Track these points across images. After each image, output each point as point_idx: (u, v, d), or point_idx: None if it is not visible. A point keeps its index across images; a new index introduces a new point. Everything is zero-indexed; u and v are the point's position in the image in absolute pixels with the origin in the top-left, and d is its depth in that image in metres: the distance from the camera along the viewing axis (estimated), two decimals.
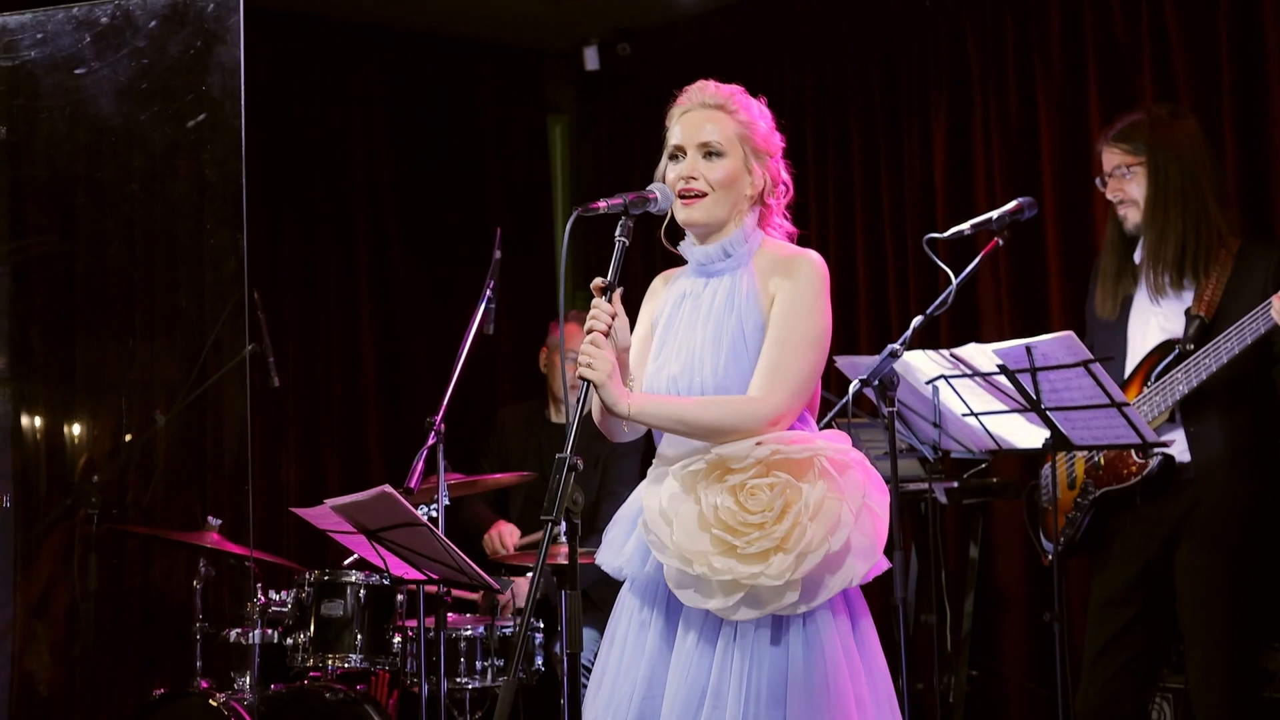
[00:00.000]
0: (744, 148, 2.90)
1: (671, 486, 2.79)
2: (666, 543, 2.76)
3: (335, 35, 6.38)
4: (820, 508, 2.69)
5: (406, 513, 3.65)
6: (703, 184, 2.88)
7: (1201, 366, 3.72)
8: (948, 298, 3.92)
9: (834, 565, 2.70)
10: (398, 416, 6.39)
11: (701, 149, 2.90)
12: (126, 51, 4.02)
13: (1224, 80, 4.78)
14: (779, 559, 2.66)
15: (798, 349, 2.80)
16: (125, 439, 4.94)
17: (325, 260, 6.32)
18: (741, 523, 2.69)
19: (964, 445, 4.17)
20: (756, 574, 2.67)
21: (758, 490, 2.71)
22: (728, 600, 2.70)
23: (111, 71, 4.05)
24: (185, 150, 4.00)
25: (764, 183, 2.92)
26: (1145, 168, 3.87)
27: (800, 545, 2.66)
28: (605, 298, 2.82)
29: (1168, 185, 3.83)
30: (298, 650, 4.51)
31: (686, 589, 2.75)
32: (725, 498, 2.72)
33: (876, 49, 5.86)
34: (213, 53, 3.91)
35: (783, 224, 2.99)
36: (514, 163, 6.89)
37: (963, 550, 5.13)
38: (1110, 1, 5.09)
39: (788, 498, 2.69)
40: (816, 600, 2.70)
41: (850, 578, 2.72)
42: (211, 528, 4.67)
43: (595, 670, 2.92)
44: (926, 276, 5.59)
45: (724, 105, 2.92)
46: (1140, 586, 3.90)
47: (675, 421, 2.82)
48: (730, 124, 2.91)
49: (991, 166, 5.44)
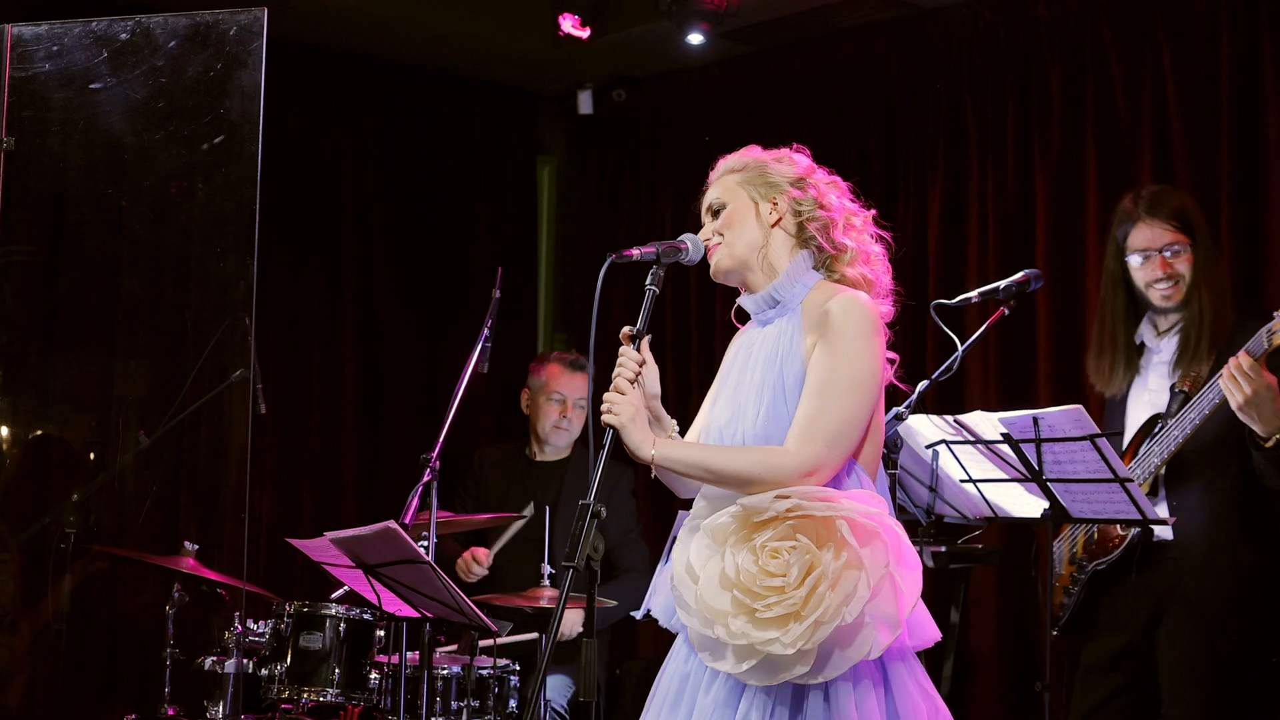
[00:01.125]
0: (748, 189, 2.93)
1: (702, 540, 2.77)
2: (690, 602, 2.74)
3: (332, 63, 6.38)
4: (839, 578, 2.62)
5: (409, 549, 3.62)
6: (715, 238, 2.93)
7: (1170, 438, 3.75)
8: (954, 364, 3.96)
9: (847, 638, 2.63)
10: (375, 451, 6.36)
11: (709, 212, 2.98)
12: (144, 69, 3.99)
13: (1223, 160, 4.87)
14: (795, 627, 2.61)
15: (834, 396, 2.73)
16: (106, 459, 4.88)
17: (310, 290, 6.30)
18: (761, 585, 2.65)
19: (959, 511, 4.18)
20: (771, 640, 2.62)
21: (779, 552, 2.66)
22: (741, 665, 2.67)
23: (127, 89, 4.02)
24: (199, 172, 3.97)
25: (788, 207, 2.90)
26: (1193, 249, 3.88)
27: (816, 613, 2.60)
28: (634, 345, 2.82)
29: (1211, 271, 3.86)
30: (273, 681, 4.46)
31: (704, 650, 2.74)
32: (747, 557, 2.69)
33: (876, 112, 5.92)
34: (233, 76, 3.88)
35: (862, 247, 2.91)
36: (502, 201, 6.90)
37: (944, 614, 5.14)
38: (1112, 78, 5.16)
39: (809, 563, 2.64)
40: (828, 672, 2.64)
41: (868, 649, 2.64)
42: (188, 553, 4.62)
43: (643, 713, 2.90)
44: (913, 340, 5.62)
45: (730, 168, 2.99)
46: (1124, 659, 3.91)
47: (700, 469, 2.79)
48: (732, 179, 2.96)
49: (985, 236, 5.49)
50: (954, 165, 5.63)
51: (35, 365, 4.60)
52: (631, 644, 6.19)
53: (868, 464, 2.83)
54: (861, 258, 2.92)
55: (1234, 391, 3.54)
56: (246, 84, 3.85)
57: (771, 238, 2.91)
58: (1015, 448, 3.72)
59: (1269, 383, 3.54)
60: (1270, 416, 3.55)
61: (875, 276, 2.92)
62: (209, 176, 3.93)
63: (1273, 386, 3.54)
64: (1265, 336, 3.57)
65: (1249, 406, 3.54)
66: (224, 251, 3.86)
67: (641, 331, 2.84)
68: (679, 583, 2.76)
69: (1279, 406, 3.55)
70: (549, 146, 7.17)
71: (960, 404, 5.16)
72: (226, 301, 3.95)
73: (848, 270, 2.90)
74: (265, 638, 4.52)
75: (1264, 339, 3.57)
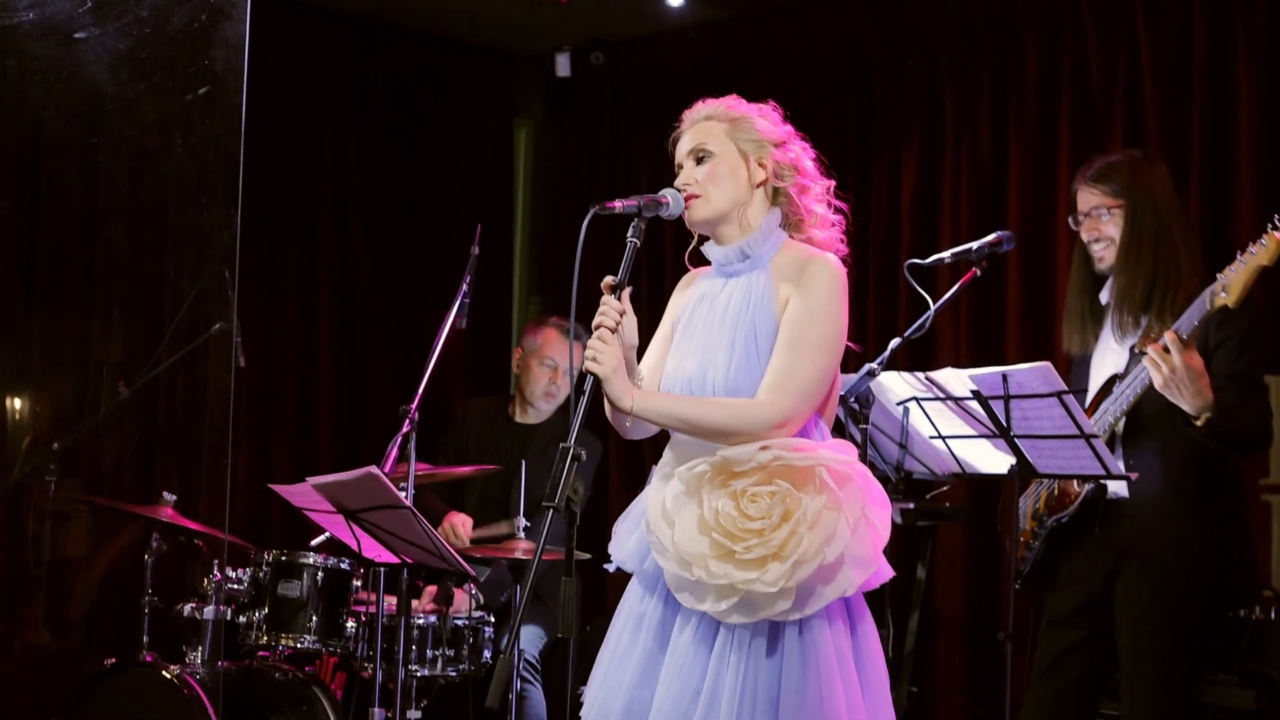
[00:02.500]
0: (735, 142, 2.98)
1: (676, 487, 2.84)
2: (667, 545, 2.81)
3: (311, 21, 6.38)
4: (819, 519, 2.73)
5: (390, 495, 3.68)
6: (696, 187, 2.97)
7: (1124, 398, 3.83)
8: (925, 323, 4.04)
9: (828, 576, 2.74)
10: (350, 406, 6.42)
11: (692, 156, 3.00)
12: (128, 20, 4.01)
13: (1194, 126, 4.95)
14: (775, 566, 2.71)
15: (807, 353, 2.83)
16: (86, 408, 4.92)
17: (287, 247, 6.33)
18: (741, 529, 2.75)
19: (928, 467, 4.26)
20: (752, 580, 2.72)
21: (759, 497, 2.76)
22: (721, 604, 2.76)
23: (111, 40, 4.04)
24: (182, 124, 4.00)
25: (771, 169, 2.97)
26: (1123, 210, 3.96)
27: (796, 554, 2.71)
28: (615, 295, 2.88)
29: (1142, 228, 3.92)
30: (250, 628, 4.53)
31: (683, 591, 2.81)
32: (726, 503, 2.78)
33: (853, 78, 5.97)
34: (217, 27, 3.91)
35: (825, 214, 3.01)
36: (480, 162, 6.93)
37: (909, 571, 5.24)
38: (1087, 48, 5.23)
39: (788, 506, 2.74)
40: (808, 609, 2.75)
41: (845, 587, 2.76)
42: (166, 502, 4.67)
43: (598, 659, 2.98)
44: (886, 302, 5.71)
45: (713, 114, 3.02)
46: (1084, 614, 3.97)
47: (678, 420, 2.87)
48: (719, 126, 3.00)
49: (959, 201, 5.57)
50: (929, 132, 5.70)
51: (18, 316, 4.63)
52: (602, 601, 6.27)
53: (828, 418, 2.96)
54: (823, 223, 3.02)
55: (1154, 372, 3.61)
56: (231, 35, 3.88)
57: (753, 196, 2.98)
58: (984, 404, 3.80)
59: (1189, 363, 3.57)
60: (1192, 395, 3.59)
61: (833, 244, 3.02)
62: (192, 128, 3.96)
63: (1194, 368, 3.57)
64: (1208, 298, 3.63)
65: (1169, 385, 3.59)
66: (207, 203, 3.90)
67: (622, 282, 2.89)
68: (655, 527, 2.84)
69: (1201, 386, 3.59)
70: (526, 109, 7.20)
71: (931, 362, 5.23)
72: (209, 253, 3.99)
73: (814, 233, 3.00)
74: (244, 586, 4.60)
75: (1206, 301, 3.62)
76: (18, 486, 4.91)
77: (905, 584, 5.26)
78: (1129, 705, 3.92)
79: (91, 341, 5.08)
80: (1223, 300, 3.60)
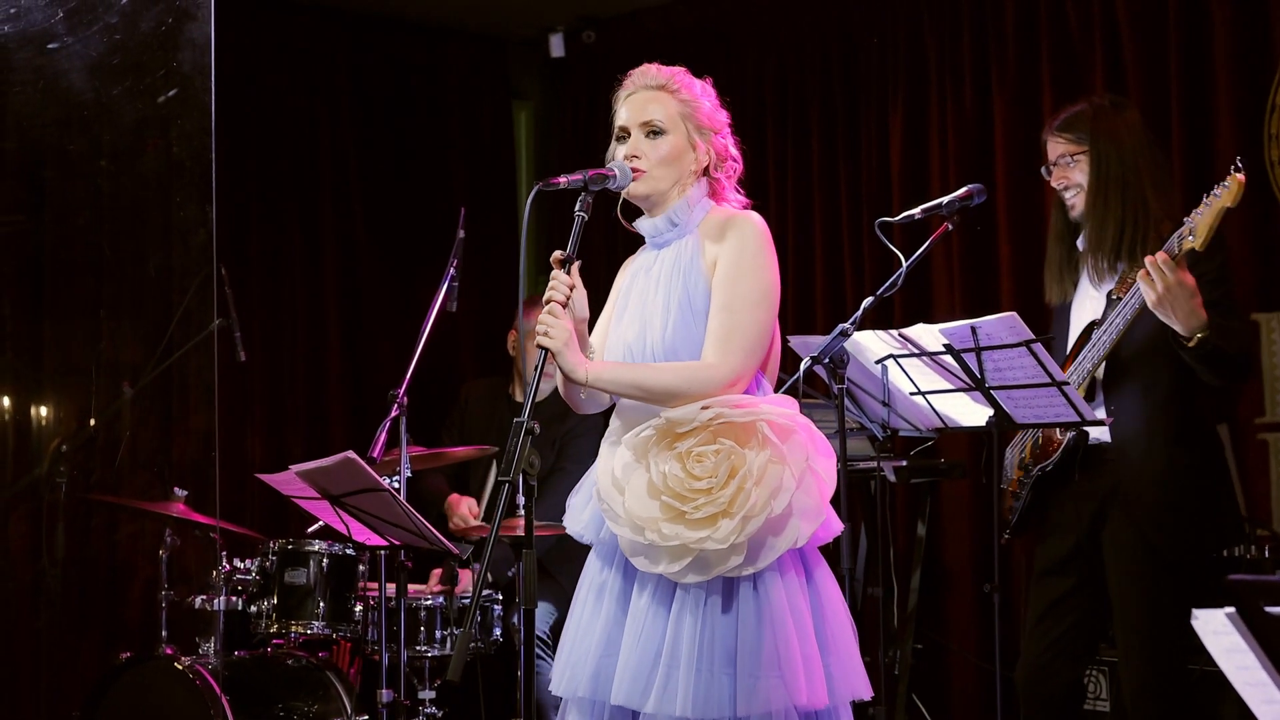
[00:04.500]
0: (686, 125, 3.02)
1: (624, 455, 2.90)
2: (619, 511, 2.87)
3: (303, 17, 6.45)
4: (764, 472, 2.78)
5: (369, 478, 3.75)
6: (644, 162, 3.01)
7: (1101, 343, 3.84)
8: (898, 280, 4.04)
9: (777, 528, 2.80)
10: (360, 393, 6.48)
11: (644, 128, 3.03)
12: (99, 27, 4.09)
13: (1171, 72, 4.93)
14: (725, 523, 2.76)
15: (744, 310, 2.89)
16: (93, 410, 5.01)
17: (291, 240, 6.41)
18: (689, 489, 2.80)
19: (912, 424, 4.27)
20: (703, 538, 2.77)
21: (704, 456, 2.81)
22: (675, 565, 2.81)
23: (84, 47, 4.12)
24: (156, 125, 4.08)
25: (709, 158, 3.04)
26: (1088, 156, 3.97)
27: (745, 509, 2.76)
28: (564, 270, 2.92)
29: (1108, 174, 3.94)
30: (261, 617, 4.63)
31: (638, 556, 2.87)
32: (673, 465, 2.83)
33: (836, 40, 5.99)
34: (184, 29, 3.98)
35: (737, 198, 3.09)
36: (479, 148, 6.98)
37: (910, 528, 5.27)
38: None
39: (733, 463, 2.79)
40: (760, 562, 2.80)
41: (795, 538, 2.81)
42: (177, 498, 4.75)
43: (563, 631, 3.04)
44: (881, 260, 5.73)
45: (665, 85, 3.06)
46: (1074, 561, 3.99)
47: (632, 387, 2.92)
48: (672, 103, 3.04)
49: (946, 155, 5.58)
50: (914, 89, 5.71)
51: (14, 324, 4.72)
52: None
53: (770, 374, 3.01)
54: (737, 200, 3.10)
55: (1149, 288, 3.63)
56: (197, 36, 3.95)
57: (691, 178, 3.04)
58: (957, 357, 3.82)
59: (1183, 280, 3.59)
60: (1186, 315, 3.61)
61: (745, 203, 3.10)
62: (166, 129, 4.03)
63: (1187, 284, 3.59)
64: (1176, 241, 3.65)
65: (1163, 303, 3.60)
66: (183, 201, 3.97)
67: (571, 256, 2.94)
68: (606, 495, 2.89)
69: (1195, 305, 3.61)
70: (524, 91, 7.25)
71: (928, 318, 5.17)
72: (189, 251, 4.06)
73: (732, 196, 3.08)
74: (252, 576, 4.68)
75: (1174, 244, 3.65)
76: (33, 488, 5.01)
77: (907, 542, 5.31)
78: (1123, 649, 3.94)
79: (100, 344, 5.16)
80: (1190, 243, 3.61)
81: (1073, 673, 4.06)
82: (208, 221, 3.93)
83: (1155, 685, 3.87)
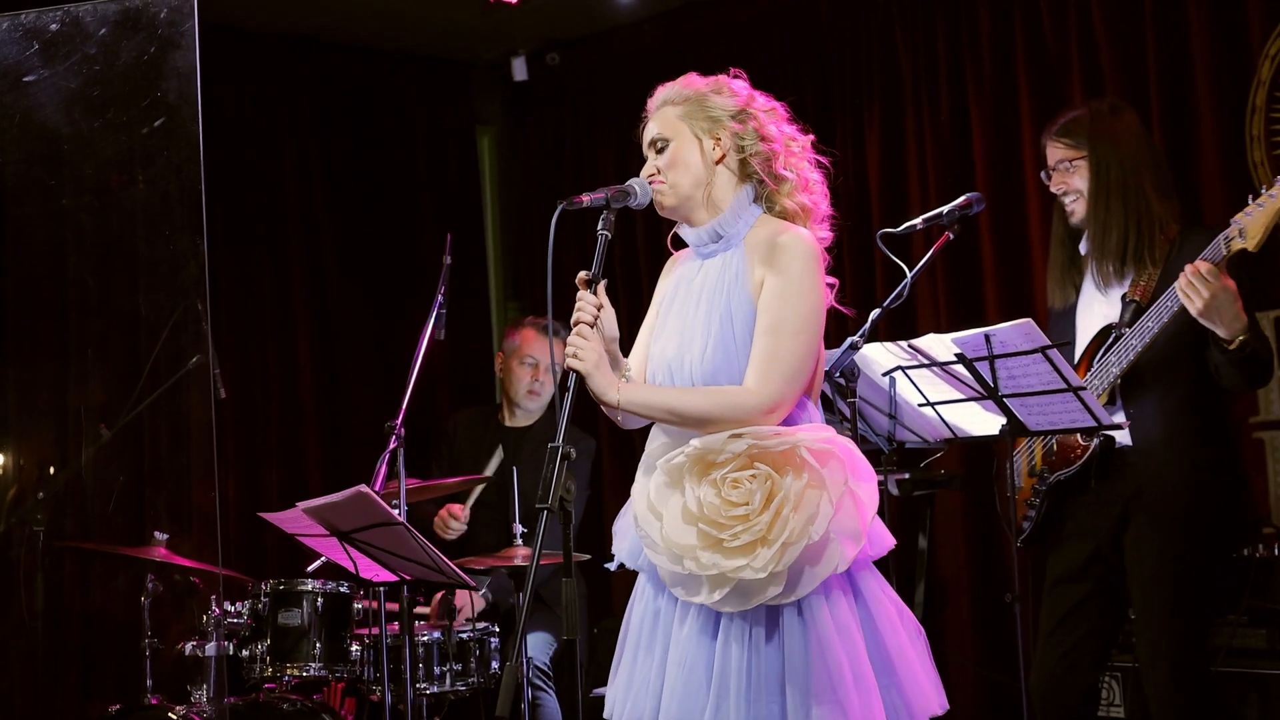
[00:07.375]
0: (689, 125, 2.95)
1: (659, 479, 2.82)
2: (656, 539, 2.79)
3: (266, 47, 6.37)
4: (801, 499, 2.70)
5: (382, 513, 3.65)
6: (659, 175, 2.96)
7: (1129, 348, 3.83)
8: (904, 291, 4.02)
9: (816, 555, 2.71)
10: (334, 427, 6.39)
11: (652, 147, 3.00)
12: (77, 58, 3.96)
13: (1150, 76, 4.94)
14: (763, 552, 2.69)
15: (788, 336, 2.80)
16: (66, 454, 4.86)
17: (259, 273, 6.31)
18: (726, 516, 2.73)
19: (919, 435, 4.24)
20: (741, 567, 2.70)
21: (740, 482, 2.74)
22: (715, 594, 2.73)
23: (61, 79, 4.00)
24: (141, 157, 3.95)
25: (731, 144, 2.93)
26: (1087, 162, 3.96)
27: (783, 536, 2.68)
28: (590, 290, 2.85)
29: (1109, 179, 3.93)
30: (254, 661, 4.49)
31: (677, 586, 2.80)
32: (708, 491, 2.75)
33: (809, 55, 5.97)
34: (168, 58, 3.86)
35: (803, 175, 2.95)
36: (444, 173, 6.91)
37: (911, 541, 5.22)
38: (1039, 4, 5.23)
39: (770, 488, 2.72)
40: (800, 591, 2.72)
41: (836, 563, 2.73)
42: (158, 542, 4.62)
43: (616, 657, 2.95)
44: (863, 272, 5.70)
45: (669, 99, 3.00)
46: (1092, 566, 3.98)
47: (664, 410, 2.85)
48: (673, 112, 2.98)
49: (925, 166, 5.57)
50: (889, 102, 5.69)
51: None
52: (607, 602, 6.24)
53: (814, 396, 2.93)
54: (801, 185, 2.96)
55: (1193, 297, 3.61)
56: (182, 65, 3.83)
57: (715, 174, 2.95)
58: (970, 367, 3.78)
59: (1226, 286, 3.60)
60: (1231, 319, 3.62)
61: (814, 203, 2.98)
62: (151, 160, 3.91)
63: (1230, 290, 3.60)
64: (1223, 243, 3.65)
65: (1209, 311, 3.61)
66: (172, 234, 3.85)
67: (597, 276, 2.87)
68: (643, 521, 2.81)
69: (1238, 309, 3.63)
70: (487, 116, 7.18)
71: (912, 330, 5.23)
72: (178, 285, 3.93)
73: (787, 202, 2.94)
74: (243, 619, 4.55)
75: (1221, 246, 3.65)
76: (6, 538, 4.85)
77: (908, 555, 5.26)
78: (1148, 653, 3.93)
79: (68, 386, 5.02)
80: (1240, 244, 3.62)
81: (1088, 680, 4.04)
82: (199, 255, 3.81)
83: (1181, 688, 3.85)
